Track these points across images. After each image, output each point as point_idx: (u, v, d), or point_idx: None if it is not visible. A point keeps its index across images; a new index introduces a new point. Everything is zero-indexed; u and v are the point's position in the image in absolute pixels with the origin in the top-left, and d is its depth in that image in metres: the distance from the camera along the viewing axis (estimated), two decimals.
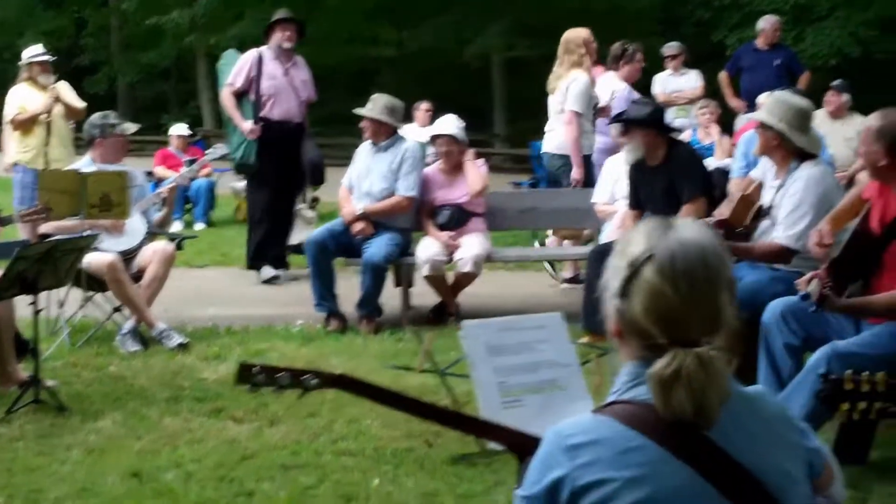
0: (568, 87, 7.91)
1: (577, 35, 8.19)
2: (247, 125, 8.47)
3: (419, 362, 3.45)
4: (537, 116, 14.42)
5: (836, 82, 10.04)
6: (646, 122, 6.16)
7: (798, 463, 1.87)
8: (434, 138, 7.44)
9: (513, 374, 2.89)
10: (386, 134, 7.29)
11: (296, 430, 4.91)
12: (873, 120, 4.24)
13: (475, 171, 7.29)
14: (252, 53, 8.67)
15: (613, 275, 1.84)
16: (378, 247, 6.98)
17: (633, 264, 1.79)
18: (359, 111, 7.36)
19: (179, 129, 13.32)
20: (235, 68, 8.64)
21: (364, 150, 7.44)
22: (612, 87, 8.65)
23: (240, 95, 8.59)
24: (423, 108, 12.08)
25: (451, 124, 7.35)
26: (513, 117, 23.03)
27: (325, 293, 7.05)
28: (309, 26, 23.48)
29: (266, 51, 8.63)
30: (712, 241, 1.84)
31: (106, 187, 6.18)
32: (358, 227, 7.14)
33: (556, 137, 8.14)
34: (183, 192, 12.31)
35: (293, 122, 8.65)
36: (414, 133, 11.45)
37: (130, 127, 7.01)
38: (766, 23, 11.30)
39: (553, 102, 8.18)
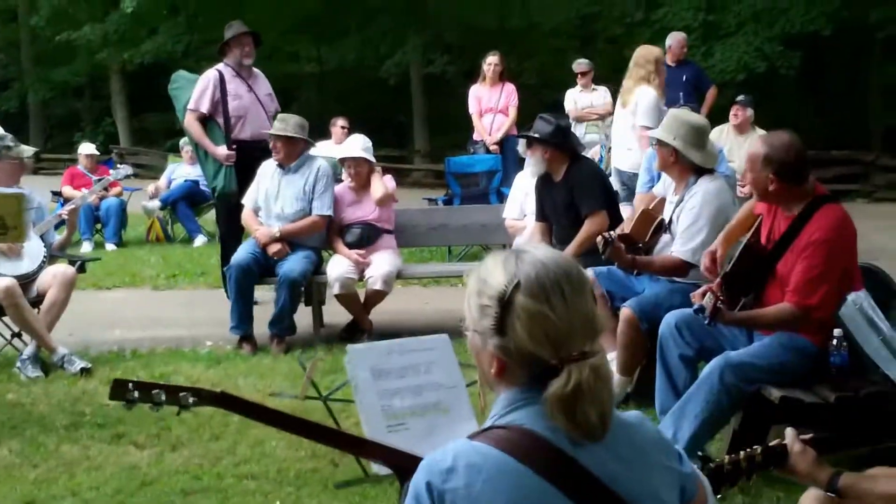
0: (637, 102, 7.93)
1: (649, 51, 8.20)
2: (221, 151, 7.88)
3: (302, 390, 3.40)
4: (456, 132, 14.59)
5: (740, 97, 10.25)
6: (546, 139, 6.21)
7: (671, 488, 1.89)
8: (342, 161, 7.39)
9: (397, 398, 2.86)
10: (297, 154, 7.22)
11: (198, 453, 4.84)
12: (759, 146, 4.30)
13: (378, 181, 7.29)
14: (211, 74, 8.05)
15: (480, 315, 1.83)
16: (294, 262, 6.95)
17: (502, 297, 1.78)
18: (272, 131, 7.22)
19: (88, 149, 13.06)
20: (196, 92, 8.01)
21: (269, 171, 7.27)
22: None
23: (205, 120, 8.03)
24: (339, 124, 12.01)
25: (357, 146, 7.33)
26: (433, 133, 23.09)
27: (244, 316, 6.97)
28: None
29: (224, 69, 8.07)
30: (559, 253, 1.88)
31: (1, 210, 6.01)
32: (275, 248, 7.04)
33: (632, 155, 8.06)
34: (93, 212, 12.11)
35: (263, 139, 7.84)
36: (330, 150, 11.40)
37: (26, 150, 6.78)
38: (672, 40, 11.51)
39: (622, 117, 8.18)
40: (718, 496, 2.57)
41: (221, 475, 4.56)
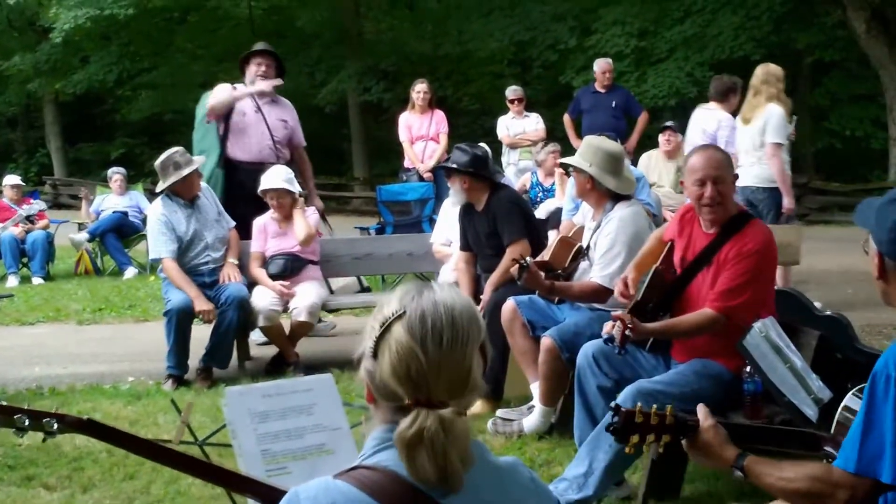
0: (766, 120, 7.94)
1: (777, 69, 8.24)
2: (198, 159, 7.41)
3: (176, 434, 3.29)
4: (395, 159, 14.54)
5: (669, 123, 10.32)
6: (463, 168, 6.18)
7: None
8: (264, 192, 7.26)
9: (277, 441, 2.76)
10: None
11: (110, 494, 4.72)
12: (713, 158, 4.35)
13: (302, 221, 7.18)
14: (226, 87, 7.98)
15: (368, 335, 1.82)
16: (234, 285, 6.89)
17: (385, 323, 1.78)
18: (193, 165, 7.01)
19: (12, 180, 12.75)
20: (206, 101, 7.96)
21: (175, 211, 7.02)
22: (718, 118, 8.73)
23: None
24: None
25: (278, 178, 7.22)
26: (372, 161, 23.07)
27: (182, 359, 6.81)
28: (159, 69, 23.33)
29: (240, 87, 7.95)
30: (466, 304, 1.84)
31: None
32: (208, 307, 6.77)
33: (759, 170, 8.07)
34: (19, 246, 11.84)
35: (264, 163, 7.67)
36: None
37: None
38: (597, 66, 11.64)
39: (748, 134, 8.16)
40: (625, 447, 2.61)
41: None
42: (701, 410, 2.63)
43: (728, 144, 8.28)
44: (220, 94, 7.87)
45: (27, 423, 2.49)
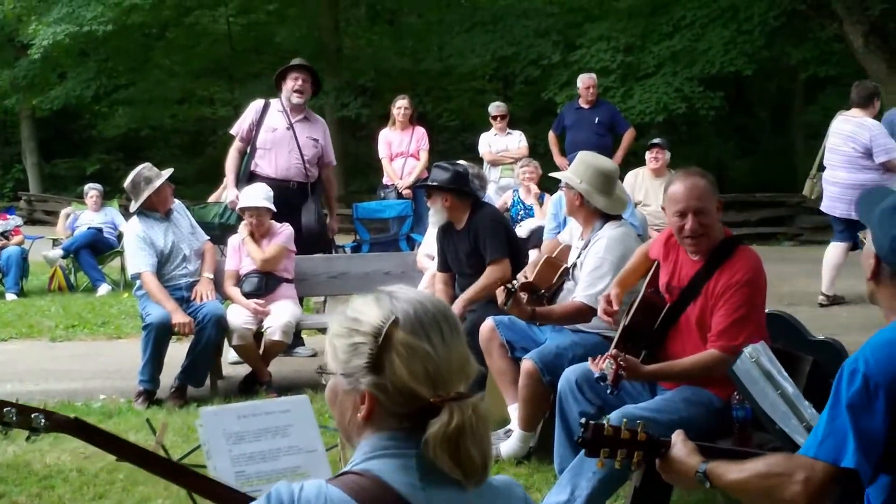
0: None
1: None
2: (231, 193, 7.67)
3: None
4: (373, 176, 14.44)
5: (657, 140, 10.20)
6: (445, 186, 6.04)
7: None
8: (242, 210, 7.17)
9: (251, 463, 2.66)
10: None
11: None
12: (696, 181, 4.14)
13: (273, 242, 7.12)
14: (259, 103, 7.99)
15: (351, 355, 1.76)
16: (210, 302, 6.80)
17: (378, 334, 1.73)
18: (162, 178, 6.94)
19: None
20: (241, 118, 8.01)
21: (152, 226, 6.96)
22: (869, 126, 8.54)
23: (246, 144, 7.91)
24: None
25: (258, 196, 7.12)
26: (349, 178, 22.93)
27: (155, 373, 6.71)
28: (137, 85, 23.21)
29: (275, 101, 7.94)
30: (434, 296, 1.89)
31: None
32: (185, 319, 6.66)
33: None
34: None
35: (292, 181, 7.78)
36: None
37: None
38: (580, 81, 11.53)
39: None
40: (596, 460, 2.59)
41: None
42: (676, 433, 2.63)
43: (888, 152, 8.19)
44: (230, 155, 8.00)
45: (14, 417, 2.48)
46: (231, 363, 7.46)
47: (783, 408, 3.46)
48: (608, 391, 4.01)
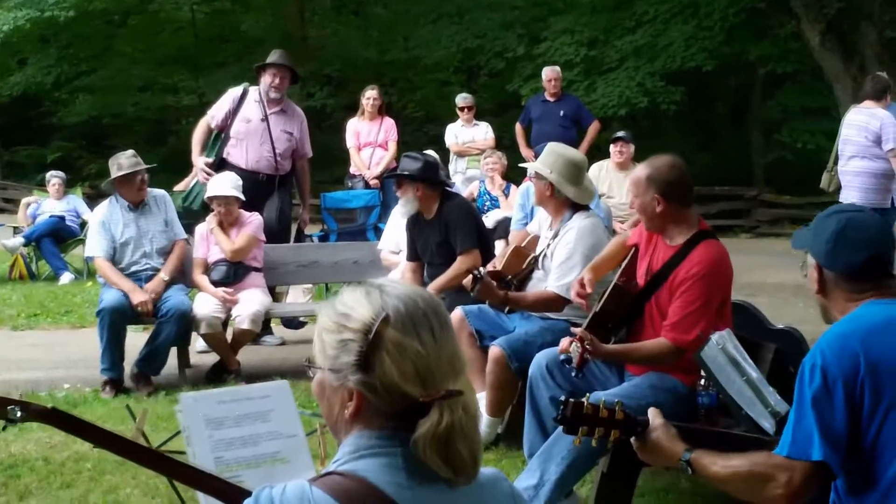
0: None
1: None
2: (199, 161, 7.73)
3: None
4: (339, 167, 14.39)
5: (621, 134, 10.28)
6: (414, 176, 6.07)
7: None
8: (211, 199, 7.15)
9: (231, 449, 2.68)
10: (147, 191, 7.02)
11: (47, 502, 4.60)
12: (641, 170, 4.29)
13: (242, 232, 7.11)
14: (238, 90, 7.97)
15: (339, 351, 1.73)
16: (178, 296, 6.74)
17: (368, 331, 1.70)
18: (136, 167, 6.88)
19: None
20: (218, 102, 8.00)
21: (117, 213, 6.95)
22: (881, 116, 8.54)
23: (217, 132, 7.90)
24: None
25: (227, 184, 7.11)
26: (315, 168, 22.85)
27: (116, 360, 6.65)
28: (98, 72, 22.98)
29: (253, 90, 7.94)
30: (425, 291, 1.85)
31: None
32: (144, 298, 6.65)
33: None
34: None
35: (261, 174, 7.78)
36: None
37: None
38: (544, 74, 11.64)
39: None
40: (567, 445, 2.65)
41: None
42: (652, 412, 2.66)
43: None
44: (196, 132, 7.99)
45: None
46: (199, 352, 7.43)
47: (749, 393, 3.55)
48: (573, 374, 4.10)
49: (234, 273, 7.01)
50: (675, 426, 2.70)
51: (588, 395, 2.67)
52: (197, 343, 7.40)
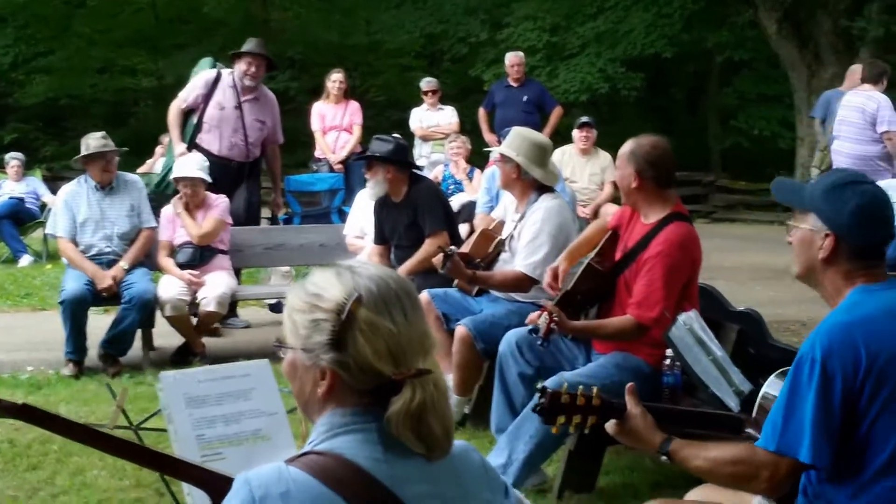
0: None
1: None
2: (181, 146, 7.74)
3: (111, 419, 3.21)
4: (301, 150, 14.35)
5: (585, 119, 10.36)
6: (386, 158, 6.10)
7: None
8: (177, 180, 7.12)
9: (212, 426, 2.71)
10: (115, 172, 6.98)
11: (13, 485, 4.58)
12: (627, 145, 4.39)
13: (209, 215, 7.11)
14: (211, 74, 7.93)
15: (311, 331, 1.75)
16: (142, 282, 6.72)
17: (340, 311, 1.72)
18: (102, 149, 6.86)
19: None
20: (189, 84, 7.96)
21: (82, 193, 6.94)
22: (877, 99, 8.75)
23: (188, 113, 7.88)
24: (166, 141, 11.53)
25: (193, 166, 7.10)
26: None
27: (80, 345, 6.66)
28: (57, 53, 22.63)
29: (227, 76, 7.92)
30: (395, 272, 1.88)
31: None
32: (108, 283, 6.67)
33: None
34: None
35: (233, 161, 7.81)
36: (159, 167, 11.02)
37: None
38: (507, 59, 11.72)
39: None
40: (552, 427, 2.64)
41: None
42: (629, 396, 2.66)
43: (890, 123, 8.47)
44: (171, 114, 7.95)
45: None
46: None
47: (715, 373, 3.65)
48: (539, 343, 4.17)
49: (199, 255, 7.00)
50: (653, 407, 2.71)
51: (565, 384, 2.67)
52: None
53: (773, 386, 2.92)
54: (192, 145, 7.76)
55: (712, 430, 3.04)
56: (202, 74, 7.98)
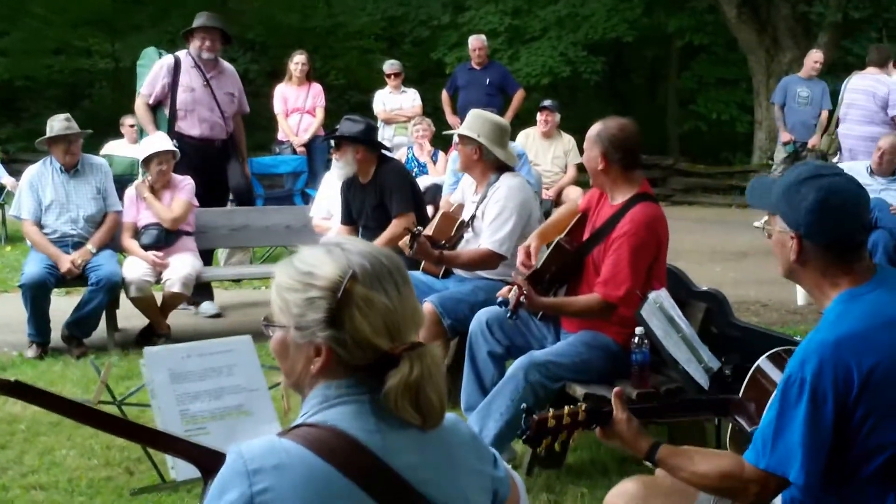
0: None
1: None
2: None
3: (95, 394, 3.23)
4: (260, 132, 14.26)
5: (547, 102, 10.41)
6: (357, 138, 6.10)
7: (483, 492, 1.89)
8: (150, 158, 7.03)
9: (196, 402, 2.73)
10: (79, 155, 6.93)
11: None
12: (594, 127, 4.43)
13: (178, 198, 7.08)
14: (167, 60, 7.79)
15: (306, 309, 1.77)
16: (108, 264, 6.70)
17: (336, 289, 1.74)
18: (65, 131, 6.81)
19: None
20: (149, 76, 7.79)
21: (46, 174, 6.90)
22: (887, 83, 8.78)
23: (157, 107, 7.77)
24: (128, 123, 11.42)
25: (161, 141, 7.08)
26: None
27: (42, 328, 6.64)
28: (11, 35, 22.26)
29: (185, 57, 7.78)
30: (384, 248, 1.91)
31: None
32: (69, 267, 6.64)
33: None
34: None
35: (215, 140, 7.78)
36: (122, 149, 10.93)
37: None
38: (470, 43, 11.75)
39: None
40: (539, 449, 2.66)
41: (7, 487, 4.31)
42: (616, 401, 2.65)
43: None
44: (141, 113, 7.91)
45: None
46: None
47: (685, 350, 3.72)
48: (507, 316, 4.22)
49: (164, 236, 6.98)
50: (642, 409, 2.70)
51: (550, 409, 2.65)
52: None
53: (766, 364, 2.95)
54: (171, 135, 7.61)
55: (700, 416, 3.08)
56: (160, 63, 7.86)
